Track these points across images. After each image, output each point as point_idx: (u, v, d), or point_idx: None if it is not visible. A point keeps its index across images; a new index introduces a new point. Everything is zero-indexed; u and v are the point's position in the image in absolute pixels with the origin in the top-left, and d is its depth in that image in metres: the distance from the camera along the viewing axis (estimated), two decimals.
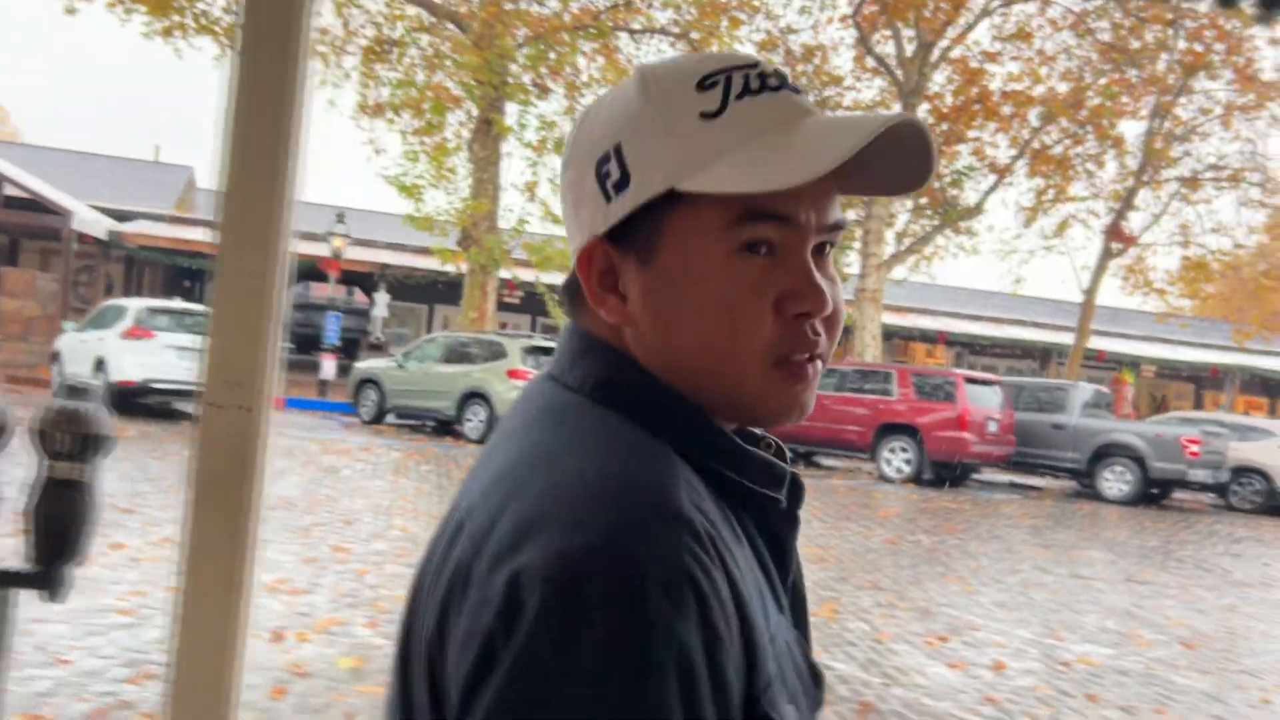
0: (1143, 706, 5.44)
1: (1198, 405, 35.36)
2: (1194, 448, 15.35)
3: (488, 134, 18.72)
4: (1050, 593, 8.31)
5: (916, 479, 15.55)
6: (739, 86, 0.72)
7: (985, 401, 15.51)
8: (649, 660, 0.58)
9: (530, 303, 23.89)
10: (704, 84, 0.72)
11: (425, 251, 20.63)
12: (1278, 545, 13.13)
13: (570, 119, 19.84)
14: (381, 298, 24.49)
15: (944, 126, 19.83)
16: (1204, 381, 38.54)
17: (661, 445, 0.70)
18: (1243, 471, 16.92)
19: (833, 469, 17.06)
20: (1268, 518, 16.31)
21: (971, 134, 19.91)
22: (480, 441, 14.55)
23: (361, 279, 25.84)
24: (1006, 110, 19.94)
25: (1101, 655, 6.41)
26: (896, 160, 0.74)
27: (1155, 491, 16.49)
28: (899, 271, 23.34)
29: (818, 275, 0.72)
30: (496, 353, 14.68)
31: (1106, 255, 23.52)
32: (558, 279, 17.46)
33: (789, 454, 0.82)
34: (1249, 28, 22.08)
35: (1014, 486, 17.59)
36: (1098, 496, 16.08)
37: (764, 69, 0.73)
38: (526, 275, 19.61)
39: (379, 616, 5.53)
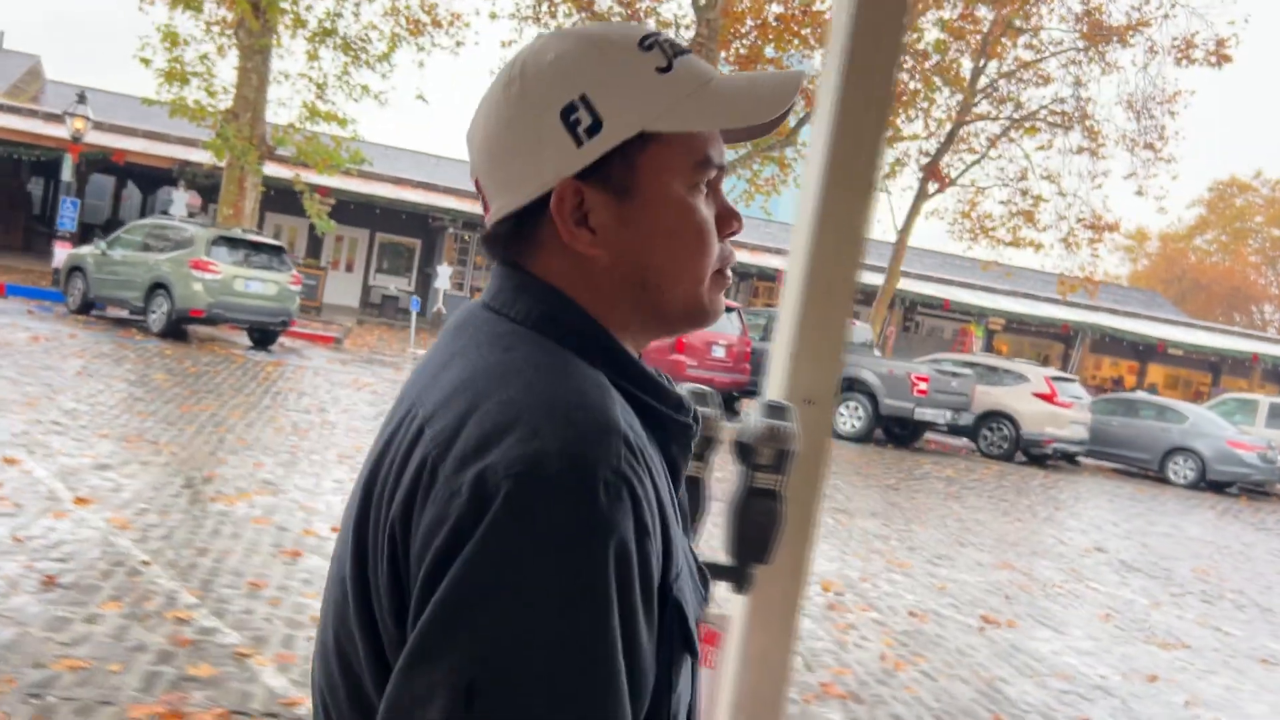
0: None
1: (1064, 364, 35.33)
2: (922, 385, 14.90)
3: (253, 20, 17.54)
4: None
5: None
6: (670, 48, 0.85)
7: (715, 326, 14.89)
8: (593, 544, 0.69)
9: (340, 210, 22.75)
10: (643, 45, 0.84)
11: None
12: (959, 484, 12.75)
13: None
14: (180, 195, 23.41)
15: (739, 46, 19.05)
16: (1070, 340, 38.62)
17: (598, 373, 0.80)
18: (992, 416, 16.54)
19: None
20: (1006, 464, 16.01)
21: (770, 53, 19.02)
22: (161, 336, 13.67)
23: (161, 175, 24.60)
24: (807, 31, 19.04)
25: None
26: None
27: (902, 431, 16.09)
28: None
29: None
30: (184, 242, 13.68)
31: (922, 195, 22.97)
32: (318, 179, 16.42)
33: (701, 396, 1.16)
34: None
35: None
36: (836, 433, 15.63)
37: (669, 36, 0.87)
38: (286, 173, 18.59)
39: None
